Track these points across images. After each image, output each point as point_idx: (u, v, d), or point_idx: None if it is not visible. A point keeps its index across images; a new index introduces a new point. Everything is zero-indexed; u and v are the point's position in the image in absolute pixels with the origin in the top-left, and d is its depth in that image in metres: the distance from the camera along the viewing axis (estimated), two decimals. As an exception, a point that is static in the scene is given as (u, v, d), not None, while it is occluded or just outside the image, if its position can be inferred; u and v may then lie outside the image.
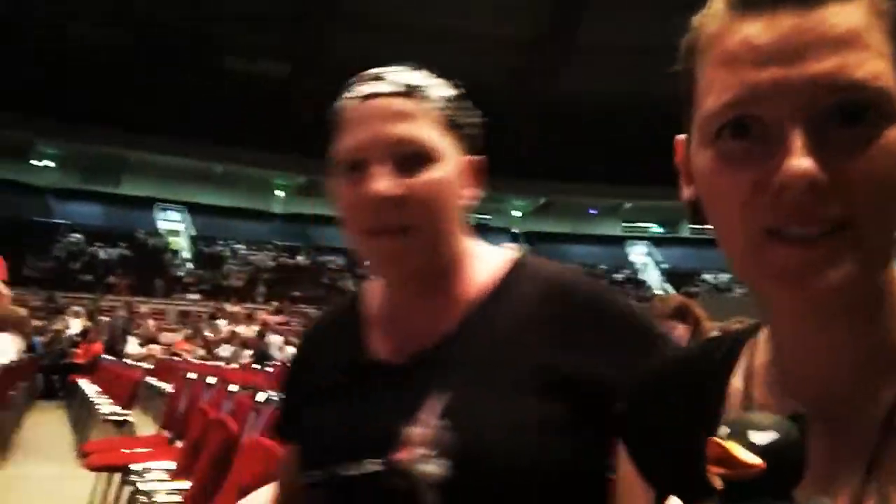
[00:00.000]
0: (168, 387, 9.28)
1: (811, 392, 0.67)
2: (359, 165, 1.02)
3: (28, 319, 11.86)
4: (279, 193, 35.03)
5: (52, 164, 31.40)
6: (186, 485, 3.77)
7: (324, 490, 1.04)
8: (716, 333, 0.89)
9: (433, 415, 0.97)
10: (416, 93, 1.04)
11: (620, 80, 31.50)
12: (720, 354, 0.77)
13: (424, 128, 1.03)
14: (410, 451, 0.96)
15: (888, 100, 0.59)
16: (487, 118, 1.12)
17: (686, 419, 0.74)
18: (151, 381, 10.85)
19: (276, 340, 14.68)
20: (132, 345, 16.04)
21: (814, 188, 0.58)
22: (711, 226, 0.66)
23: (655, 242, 38.08)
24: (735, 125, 0.62)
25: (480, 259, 1.11)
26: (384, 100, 1.03)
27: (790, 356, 0.69)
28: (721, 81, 0.62)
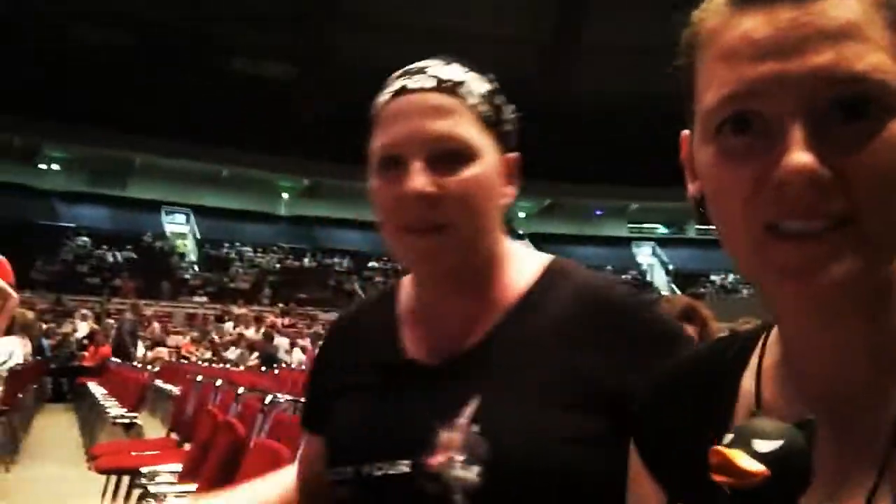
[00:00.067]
0: (176, 389, 9.30)
1: (820, 391, 0.66)
2: (395, 162, 1.00)
3: (36, 322, 11.90)
4: (285, 196, 35.06)
5: (59, 168, 31.50)
6: (194, 487, 3.78)
7: (352, 488, 1.03)
8: (723, 334, 0.88)
9: (466, 420, 0.96)
10: (455, 88, 1.01)
11: (624, 80, 31.47)
12: (731, 354, 0.76)
13: (462, 124, 1.00)
14: (442, 455, 0.95)
15: (889, 92, 0.58)
16: None
17: (697, 420, 0.74)
18: (159, 384, 10.87)
19: (283, 343, 14.69)
20: (140, 347, 16.08)
21: (814, 183, 0.57)
22: (715, 223, 0.65)
23: (662, 243, 37.98)
24: (735, 120, 0.61)
25: (516, 261, 1.09)
26: (422, 95, 1.00)
27: (798, 355, 0.68)
28: (720, 76, 0.62)
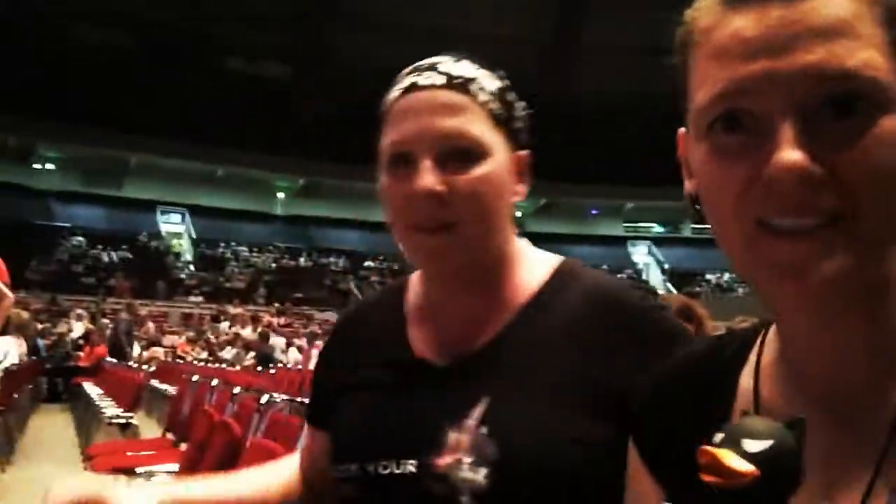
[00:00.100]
0: (172, 389, 9.28)
1: (818, 389, 0.66)
2: (404, 159, 0.98)
3: (31, 322, 11.88)
4: (281, 195, 35.03)
5: (54, 168, 31.43)
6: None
7: (357, 486, 1.02)
8: (720, 333, 0.88)
9: (475, 421, 0.95)
10: (466, 85, 1.00)
11: (621, 80, 31.49)
12: (730, 353, 0.76)
13: (473, 122, 0.99)
14: (450, 456, 0.94)
15: (880, 89, 0.58)
16: None
17: (695, 419, 0.74)
18: (155, 384, 10.85)
19: (279, 342, 14.68)
20: (137, 347, 16.05)
21: (804, 180, 0.57)
22: (709, 221, 0.65)
23: (657, 242, 38.01)
24: (726, 118, 0.61)
25: (526, 261, 1.08)
26: (432, 92, 0.99)
27: (796, 353, 0.68)
28: (712, 75, 0.62)
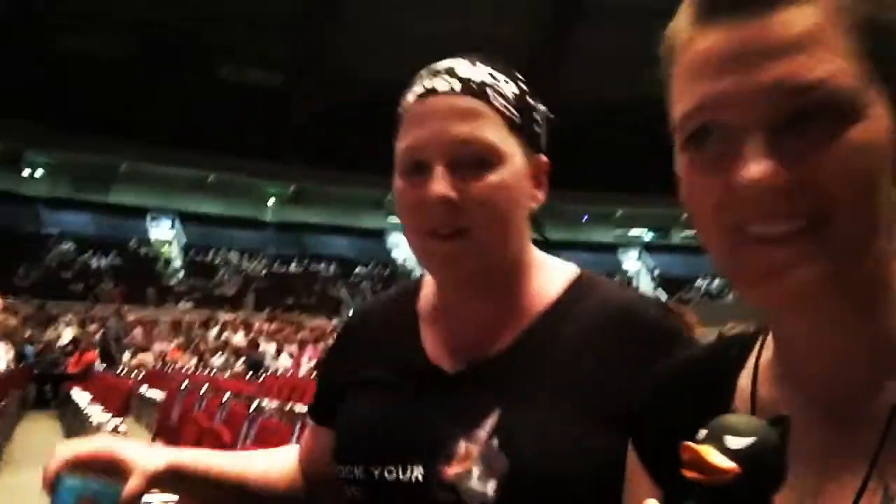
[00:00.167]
0: (161, 396, 9.25)
1: (813, 389, 0.68)
2: (419, 165, 0.97)
3: (19, 329, 11.82)
4: (271, 202, 34.97)
5: (43, 174, 31.29)
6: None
7: (362, 489, 1.01)
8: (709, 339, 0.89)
9: (486, 432, 0.93)
10: (482, 90, 0.98)
11: (612, 88, 31.57)
12: (730, 355, 0.77)
13: (488, 128, 0.97)
14: (459, 466, 0.93)
15: (845, 98, 0.59)
16: None
17: (694, 420, 0.75)
18: (144, 391, 10.80)
19: (270, 349, 14.64)
20: (127, 354, 15.99)
21: (773, 191, 0.59)
22: (695, 229, 0.67)
23: (648, 249, 38.11)
24: (701, 132, 0.63)
25: (543, 269, 1.07)
26: (447, 97, 0.97)
27: (790, 354, 0.69)
28: (687, 91, 0.64)
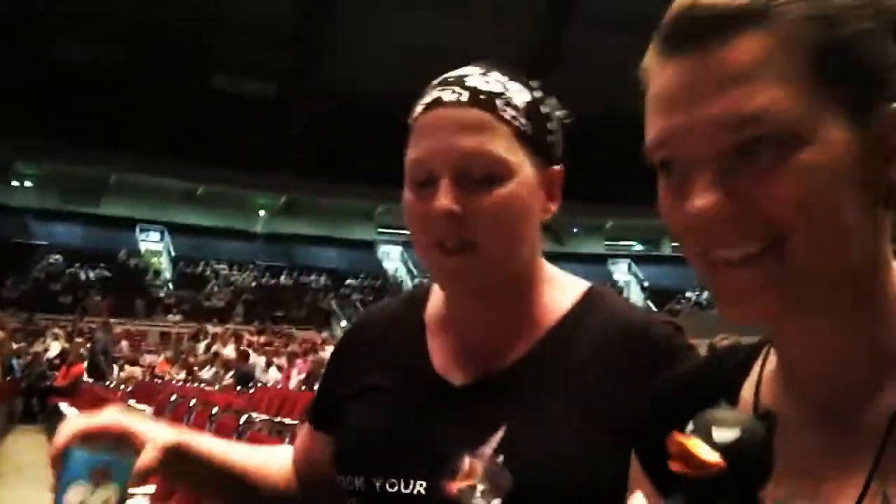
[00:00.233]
0: (149, 409, 9.19)
1: (813, 390, 0.68)
2: (425, 177, 0.96)
3: (6, 341, 11.75)
4: (261, 213, 34.92)
5: (32, 185, 31.18)
6: (168, 508, 3.72)
7: (363, 500, 0.99)
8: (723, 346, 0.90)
9: (491, 447, 0.92)
10: (491, 102, 0.97)
11: (599, 97, 31.74)
12: (732, 365, 0.78)
13: (495, 141, 0.95)
14: (463, 482, 0.91)
15: (788, 125, 0.60)
16: None
17: None
18: (132, 404, 10.73)
19: (259, 361, 14.58)
20: (115, 367, 15.89)
21: (722, 220, 0.61)
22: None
23: (637, 260, 38.21)
24: (662, 164, 0.66)
25: (553, 283, 1.06)
26: (454, 109, 0.96)
27: (789, 357, 0.71)
28: (651, 125, 0.66)
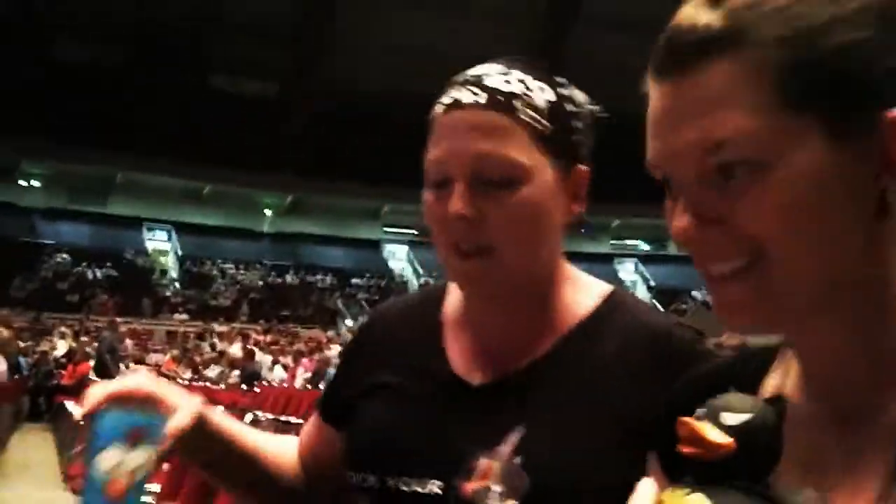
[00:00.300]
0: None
1: (827, 393, 0.69)
2: (442, 179, 0.95)
3: (13, 340, 11.77)
4: (268, 212, 34.96)
5: (39, 185, 31.27)
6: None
7: (376, 499, 0.98)
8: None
9: (508, 449, 0.91)
10: (510, 103, 0.95)
11: (599, 97, 31.63)
12: (752, 366, 0.79)
13: (512, 144, 0.94)
14: (479, 482, 0.90)
15: (754, 150, 0.61)
16: None
17: None
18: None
19: (265, 360, 14.61)
20: (122, 366, 15.92)
21: (698, 243, 0.64)
22: None
23: (644, 260, 38.16)
24: (664, 180, 0.68)
25: (575, 285, 1.05)
26: (471, 111, 0.94)
27: (801, 355, 0.71)
28: (647, 145, 0.68)
